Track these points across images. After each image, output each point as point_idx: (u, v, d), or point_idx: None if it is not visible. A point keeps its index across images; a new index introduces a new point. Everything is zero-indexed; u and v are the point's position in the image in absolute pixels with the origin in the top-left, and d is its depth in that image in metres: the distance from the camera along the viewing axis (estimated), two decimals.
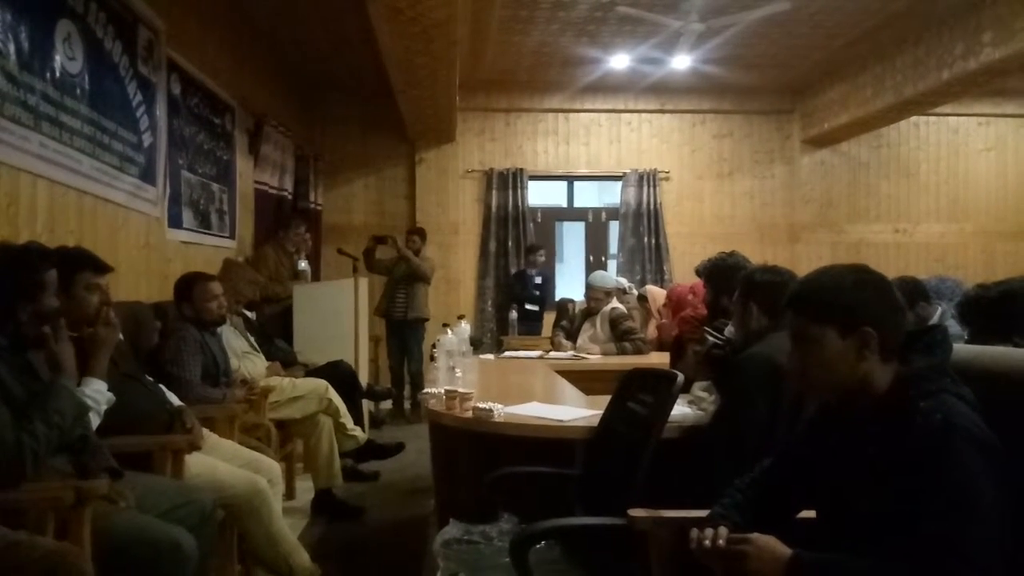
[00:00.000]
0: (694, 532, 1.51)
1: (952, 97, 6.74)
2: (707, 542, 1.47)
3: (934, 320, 3.55)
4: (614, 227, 8.51)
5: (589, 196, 9.00)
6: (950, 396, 1.37)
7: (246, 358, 4.16)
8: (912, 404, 1.37)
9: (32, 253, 2.08)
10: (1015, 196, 8.66)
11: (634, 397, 2.31)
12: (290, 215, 6.51)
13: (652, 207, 8.24)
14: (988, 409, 1.37)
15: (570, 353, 4.91)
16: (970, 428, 1.32)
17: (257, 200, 6.34)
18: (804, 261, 7.85)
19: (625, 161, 8.36)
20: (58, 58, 3.28)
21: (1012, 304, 2.52)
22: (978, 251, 8.57)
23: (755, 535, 1.43)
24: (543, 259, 7.64)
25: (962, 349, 1.55)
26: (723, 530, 1.48)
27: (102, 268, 2.49)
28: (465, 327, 4.47)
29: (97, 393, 2.21)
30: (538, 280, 7.46)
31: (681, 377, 2.17)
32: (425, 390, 3.26)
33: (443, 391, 2.87)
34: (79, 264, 2.42)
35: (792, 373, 1.58)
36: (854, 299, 1.45)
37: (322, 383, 4.18)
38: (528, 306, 7.27)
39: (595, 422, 2.47)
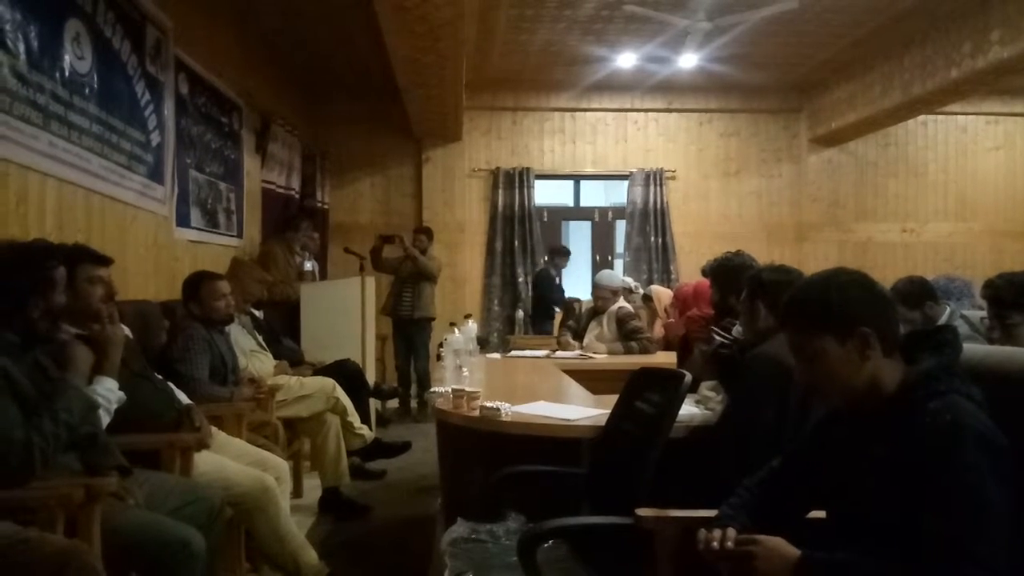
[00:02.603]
0: (702, 533, 1.51)
1: (960, 96, 6.70)
2: (715, 543, 1.47)
3: (943, 320, 3.52)
4: (620, 226, 8.50)
5: (595, 195, 8.98)
6: (959, 396, 1.36)
7: (254, 357, 4.17)
8: (921, 404, 1.37)
9: (41, 250, 2.10)
10: None
11: (641, 396, 2.31)
12: (297, 214, 6.52)
13: (658, 206, 8.21)
14: (997, 409, 1.37)
15: (577, 352, 4.90)
16: (979, 428, 1.32)
17: (264, 199, 6.35)
18: (811, 261, 7.82)
19: (631, 160, 8.34)
20: (67, 57, 3.30)
21: None
22: (986, 250, 8.51)
23: (763, 536, 1.43)
24: (566, 264, 7.57)
25: (971, 349, 1.54)
26: (731, 531, 1.48)
27: (101, 259, 2.49)
28: (472, 326, 4.47)
29: (108, 392, 2.21)
30: (557, 281, 7.46)
31: (689, 376, 2.17)
32: (432, 389, 3.27)
33: (450, 390, 2.87)
34: (78, 258, 2.42)
35: (805, 384, 1.57)
36: (842, 302, 1.46)
37: (329, 382, 4.19)
38: (558, 308, 7.25)
39: (602, 421, 2.47)
